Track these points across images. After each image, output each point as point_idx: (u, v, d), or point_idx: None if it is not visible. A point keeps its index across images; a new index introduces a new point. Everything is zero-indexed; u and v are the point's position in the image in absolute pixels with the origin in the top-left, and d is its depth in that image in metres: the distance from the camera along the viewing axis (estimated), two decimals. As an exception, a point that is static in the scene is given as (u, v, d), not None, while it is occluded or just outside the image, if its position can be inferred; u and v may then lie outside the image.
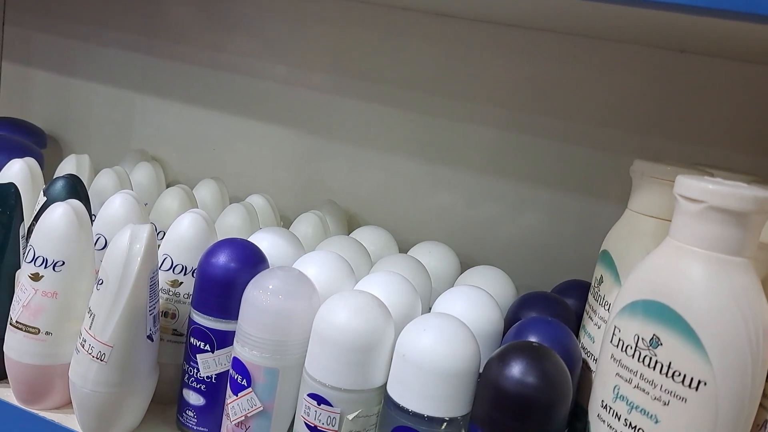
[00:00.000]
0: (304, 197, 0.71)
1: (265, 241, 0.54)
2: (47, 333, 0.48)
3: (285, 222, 0.70)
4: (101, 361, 0.46)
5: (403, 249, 0.63)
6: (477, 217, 0.68)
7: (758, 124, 0.58)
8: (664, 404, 0.35)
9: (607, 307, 0.45)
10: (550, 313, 0.49)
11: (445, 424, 0.40)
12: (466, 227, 0.68)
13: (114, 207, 0.55)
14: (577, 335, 0.48)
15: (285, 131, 0.75)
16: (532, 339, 0.44)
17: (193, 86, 0.78)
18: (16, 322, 0.49)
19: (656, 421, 0.35)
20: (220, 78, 0.77)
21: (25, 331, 0.48)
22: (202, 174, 0.72)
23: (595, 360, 0.45)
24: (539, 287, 0.57)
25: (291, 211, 0.72)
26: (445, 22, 0.67)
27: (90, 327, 0.46)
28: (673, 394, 0.35)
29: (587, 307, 0.49)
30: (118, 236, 0.47)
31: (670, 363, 0.35)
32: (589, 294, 0.49)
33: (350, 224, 0.70)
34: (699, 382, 0.34)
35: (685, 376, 0.34)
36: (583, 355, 0.47)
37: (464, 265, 0.61)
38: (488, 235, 0.67)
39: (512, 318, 0.51)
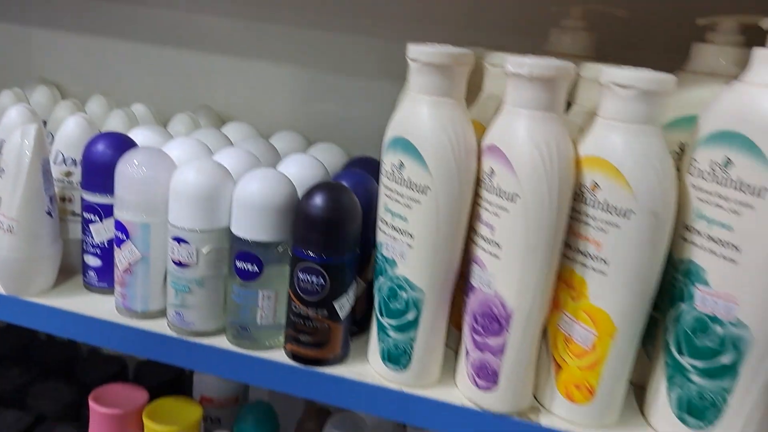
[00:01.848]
0: (183, 106, 0.83)
1: (140, 135, 0.67)
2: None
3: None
4: (11, 232, 0.59)
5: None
6: (316, 107, 0.81)
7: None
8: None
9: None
10: (363, 168, 0.63)
11: (279, 246, 0.54)
12: (310, 114, 0.82)
13: (11, 117, 0.67)
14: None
15: (168, 50, 0.86)
16: (343, 182, 0.58)
17: (84, 17, 0.88)
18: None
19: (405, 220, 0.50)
20: (108, 8, 0.87)
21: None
22: (94, 92, 0.83)
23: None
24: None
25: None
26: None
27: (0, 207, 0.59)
28: (412, 198, 0.49)
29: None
30: (12, 134, 0.59)
31: (408, 178, 0.49)
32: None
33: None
34: (425, 187, 0.48)
35: (414, 184, 0.49)
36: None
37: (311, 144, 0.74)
38: (327, 119, 0.81)
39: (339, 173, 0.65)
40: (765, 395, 0.45)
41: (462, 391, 0.54)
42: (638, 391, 0.55)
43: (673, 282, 0.49)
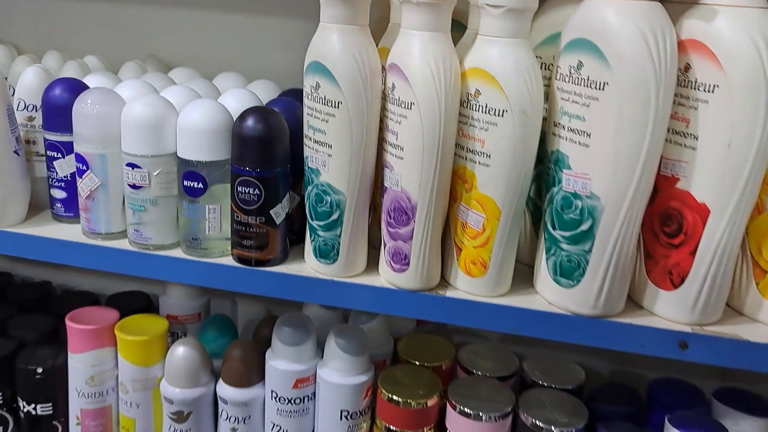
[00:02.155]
0: (131, 56, 0.90)
1: (93, 80, 0.75)
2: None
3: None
4: (-17, 169, 0.67)
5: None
6: (253, 50, 0.89)
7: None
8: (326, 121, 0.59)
9: (329, 104, 0.66)
10: (293, 97, 0.72)
11: (224, 165, 0.63)
12: (248, 57, 0.90)
13: (-27, 71, 0.74)
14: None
15: (115, 4, 0.93)
16: (273, 107, 0.66)
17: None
18: None
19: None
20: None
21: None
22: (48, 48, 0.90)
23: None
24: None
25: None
26: None
27: (-30, 147, 0.67)
28: (328, 113, 0.59)
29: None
30: (-24, 83, 0.66)
31: (324, 96, 0.58)
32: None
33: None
34: (338, 102, 0.58)
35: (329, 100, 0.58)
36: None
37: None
38: (264, 61, 0.89)
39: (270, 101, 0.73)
40: (616, 252, 0.56)
41: (383, 276, 0.64)
42: (532, 271, 0.66)
43: (548, 172, 0.60)
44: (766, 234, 0.57)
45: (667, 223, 0.57)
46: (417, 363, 0.76)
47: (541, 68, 0.61)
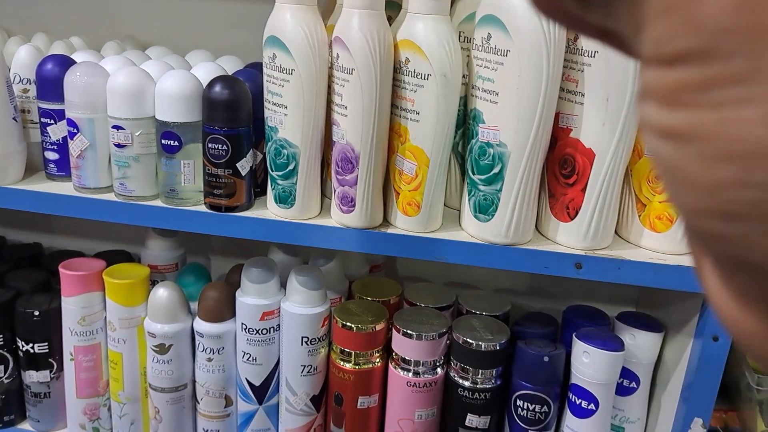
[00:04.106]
0: (111, 37, 1.01)
1: (80, 56, 0.85)
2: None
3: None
4: (-14, 133, 0.77)
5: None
6: (221, 31, 1.00)
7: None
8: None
9: (284, 72, 0.78)
10: (252, 68, 0.83)
11: (196, 126, 0.74)
12: (217, 31, 1.01)
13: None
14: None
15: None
16: (238, 77, 0.77)
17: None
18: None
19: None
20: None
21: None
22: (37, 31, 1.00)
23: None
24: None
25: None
26: None
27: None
28: (283, 79, 0.70)
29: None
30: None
31: (280, 65, 0.70)
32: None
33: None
34: (291, 70, 0.69)
35: (289, 68, 0.69)
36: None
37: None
38: (230, 36, 1.00)
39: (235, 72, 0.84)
40: (521, 190, 0.68)
41: (334, 218, 0.75)
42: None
43: (469, 127, 0.72)
44: (644, 174, 0.70)
45: (564, 167, 0.70)
46: (369, 299, 0.88)
47: (464, 41, 0.73)
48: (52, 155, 0.82)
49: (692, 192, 0.15)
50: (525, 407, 0.79)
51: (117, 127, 0.76)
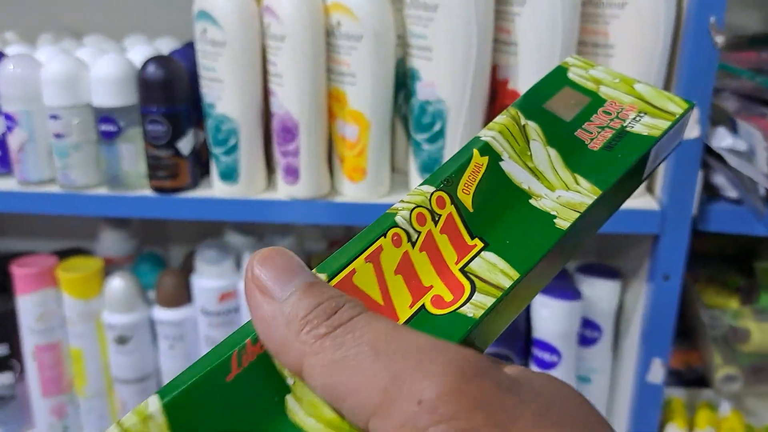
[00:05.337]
0: (47, 29, 0.99)
1: (12, 50, 0.83)
2: None
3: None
4: None
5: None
6: (156, 6, 0.99)
7: None
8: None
9: (216, 45, 0.77)
10: (189, 48, 0.81)
11: (133, 109, 0.73)
12: (153, 13, 0.99)
13: None
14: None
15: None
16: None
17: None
18: None
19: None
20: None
21: None
22: None
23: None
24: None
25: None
26: None
27: None
28: (216, 53, 0.69)
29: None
30: None
31: (212, 38, 0.69)
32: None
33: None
34: (223, 42, 0.68)
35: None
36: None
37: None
38: (166, 16, 0.98)
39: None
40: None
41: (280, 191, 0.74)
42: (410, 177, 0.77)
43: (407, 86, 0.71)
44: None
45: (504, 119, 0.69)
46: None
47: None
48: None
49: None
50: (489, 365, 0.79)
51: (54, 117, 0.74)
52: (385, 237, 0.23)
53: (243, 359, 0.20)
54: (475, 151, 0.26)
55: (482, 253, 0.24)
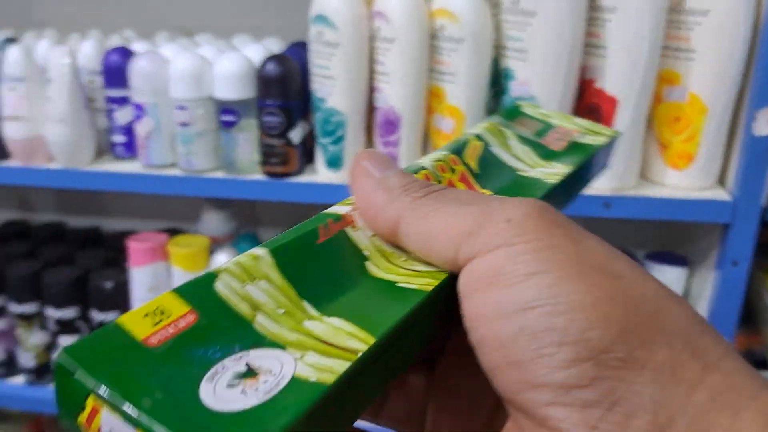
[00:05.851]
0: (162, 27, 1.08)
1: (137, 47, 0.93)
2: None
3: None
4: (63, 123, 0.85)
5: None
6: (264, 8, 1.08)
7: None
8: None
9: (331, 46, 0.86)
10: (295, 47, 0.90)
11: (251, 102, 0.82)
12: (253, 13, 1.08)
13: (48, 53, 0.92)
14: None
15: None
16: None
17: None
18: None
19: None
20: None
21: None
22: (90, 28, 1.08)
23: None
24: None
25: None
26: None
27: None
28: (330, 53, 0.77)
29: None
30: (56, 62, 0.85)
31: (326, 40, 0.77)
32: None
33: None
34: (337, 44, 0.76)
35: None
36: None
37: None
38: (272, 18, 1.07)
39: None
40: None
41: (380, 178, 0.82)
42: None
43: (500, 84, 0.79)
44: (664, 117, 0.77)
45: (590, 114, 0.76)
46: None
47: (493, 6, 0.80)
48: (119, 138, 0.90)
49: None
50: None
51: (181, 107, 0.83)
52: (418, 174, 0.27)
53: (330, 230, 0.24)
54: (471, 137, 0.32)
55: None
